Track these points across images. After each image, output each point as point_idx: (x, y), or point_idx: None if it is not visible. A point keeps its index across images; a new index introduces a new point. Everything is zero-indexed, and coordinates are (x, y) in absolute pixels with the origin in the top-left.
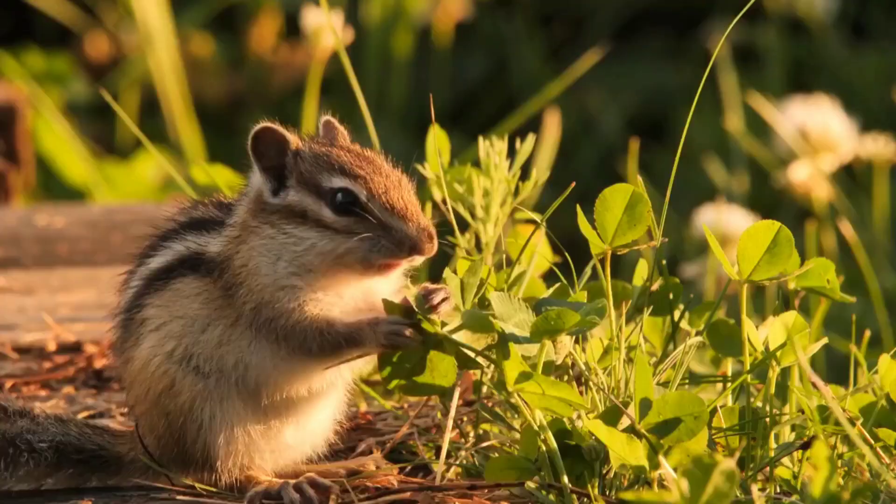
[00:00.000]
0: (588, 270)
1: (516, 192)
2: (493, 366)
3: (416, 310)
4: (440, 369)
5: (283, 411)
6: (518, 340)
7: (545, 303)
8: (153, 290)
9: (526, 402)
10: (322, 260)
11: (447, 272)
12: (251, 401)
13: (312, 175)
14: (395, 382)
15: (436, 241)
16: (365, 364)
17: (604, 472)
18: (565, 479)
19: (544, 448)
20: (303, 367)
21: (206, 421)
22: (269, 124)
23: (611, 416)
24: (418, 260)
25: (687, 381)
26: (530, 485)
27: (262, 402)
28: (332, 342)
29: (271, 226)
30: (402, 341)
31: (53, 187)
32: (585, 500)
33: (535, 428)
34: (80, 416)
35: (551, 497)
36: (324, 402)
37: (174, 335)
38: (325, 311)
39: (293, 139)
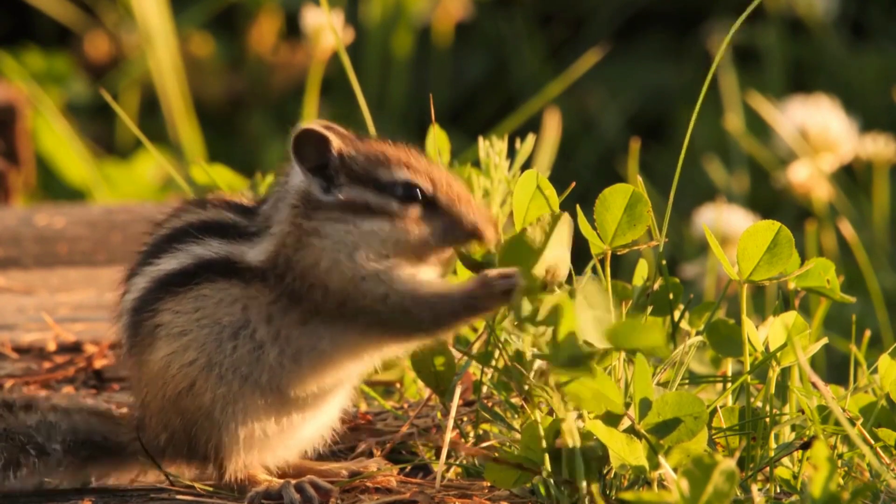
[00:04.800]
0: (588, 270)
1: None
2: (494, 364)
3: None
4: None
5: (306, 407)
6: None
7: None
8: (169, 293)
9: (562, 395)
10: (397, 248)
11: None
12: (275, 400)
13: (368, 171)
14: None
15: (499, 230)
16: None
17: (604, 472)
18: (582, 474)
19: (548, 445)
20: (394, 346)
21: (225, 421)
22: (309, 126)
23: (611, 416)
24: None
25: (687, 381)
26: (545, 473)
27: (289, 399)
28: (449, 310)
29: (336, 221)
30: (516, 285)
31: (53, 187)
32: (586, 500)
33: (563, 427)
34: None
35: (563, 493)
36: (340, 395)
37: (196, 344)
38: (422, 284)
39: (334, 139)
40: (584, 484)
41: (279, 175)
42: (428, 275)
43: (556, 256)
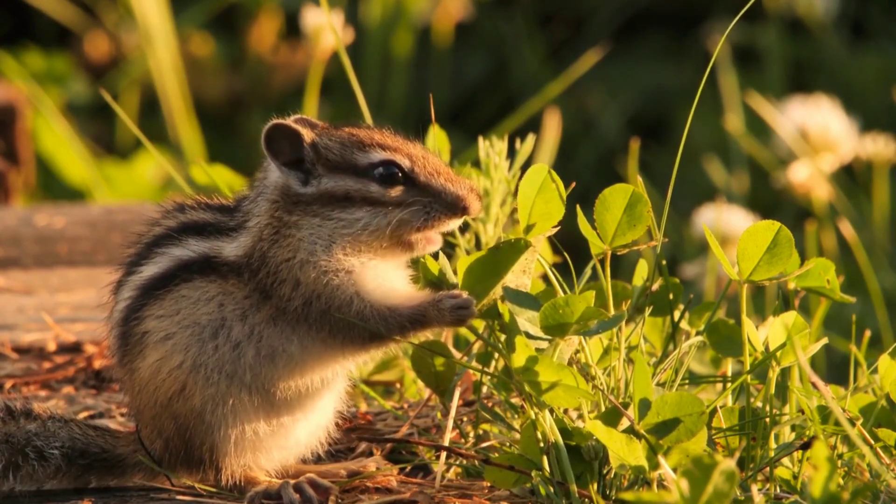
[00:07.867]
0: (588, 270)
1: (516, 192)
2: (495, 365)
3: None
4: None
5: (294, 408)
6: (529, 335)
7: None
8: (152, 299)
9: (530, 396)
10: (377, 237)
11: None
12: (263, 400)
13: (344, 157)
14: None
15: (482, 200)
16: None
17: (604, 472)
18: (571, 475)
19: (545, 446)
20: (355, 353)
21: (216, 423)
22: (279, 121)
23: (610, 416)
24: (457, 222)
25: (687, 381)
26: (535, 474)
27: (276, 399)
28: (398, 325)
29: (313, 215)
30: (468, 314)
31: (53, 187)
32: (586, 500)
33: (546, 427)
34: (81, 416)
35: (553, 494)
36: (329, 395)
37: (181, 347)
38: (384, 294)
39: (306, 131)
40: (573, 482)
41: (258, 172)
42: (398, 277)
43: (517, 283)
